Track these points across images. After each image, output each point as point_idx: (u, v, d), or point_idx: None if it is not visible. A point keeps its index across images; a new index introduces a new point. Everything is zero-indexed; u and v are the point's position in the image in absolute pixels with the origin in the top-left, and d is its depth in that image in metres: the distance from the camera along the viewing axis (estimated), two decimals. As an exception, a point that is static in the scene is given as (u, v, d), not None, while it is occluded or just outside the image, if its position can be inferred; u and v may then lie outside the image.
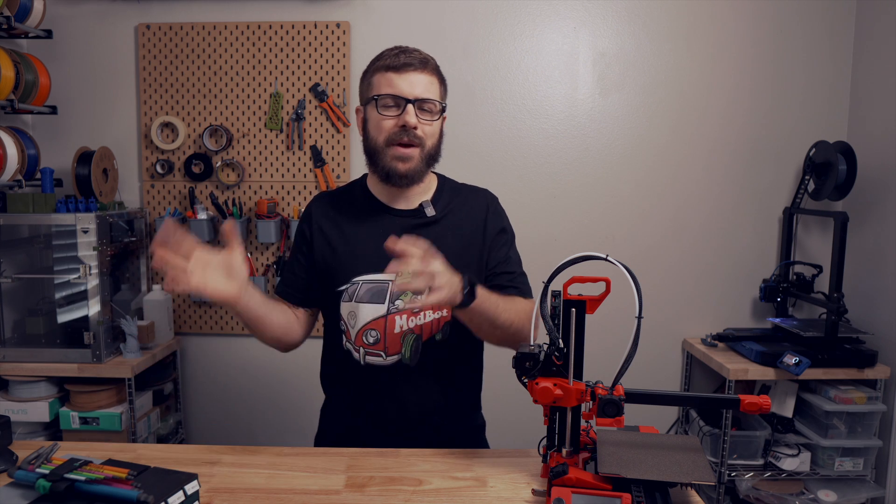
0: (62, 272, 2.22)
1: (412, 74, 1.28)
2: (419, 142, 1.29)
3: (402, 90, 1.27)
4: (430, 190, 1.41)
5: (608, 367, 1.03)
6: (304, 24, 2.48)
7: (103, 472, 0.96)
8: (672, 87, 2.50)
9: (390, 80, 1.28)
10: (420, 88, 1.28)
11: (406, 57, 1.29)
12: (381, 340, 1.32)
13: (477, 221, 1.39)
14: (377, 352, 1.33)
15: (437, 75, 1.33)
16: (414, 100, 1.27)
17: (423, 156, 1.31)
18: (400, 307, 1.32)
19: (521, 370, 1.02)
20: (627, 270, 0.99)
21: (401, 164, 1.29)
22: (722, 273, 2.57)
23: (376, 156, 1.32)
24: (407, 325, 1.33)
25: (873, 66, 2.38)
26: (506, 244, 1.41)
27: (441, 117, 1.34)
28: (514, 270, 1.40)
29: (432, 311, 1.34)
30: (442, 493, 1.07)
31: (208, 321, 2.60)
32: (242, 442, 2.02)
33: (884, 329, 2.29)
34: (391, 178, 1.31)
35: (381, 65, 1.30)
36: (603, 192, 2.55)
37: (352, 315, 1.34)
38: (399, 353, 1.32)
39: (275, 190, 2.54)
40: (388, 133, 1.28)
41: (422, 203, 1.36)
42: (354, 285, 1.33)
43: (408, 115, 1.27)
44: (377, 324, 1.32)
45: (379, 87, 1.29)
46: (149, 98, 2.52)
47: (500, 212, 1.44)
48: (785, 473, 2.27)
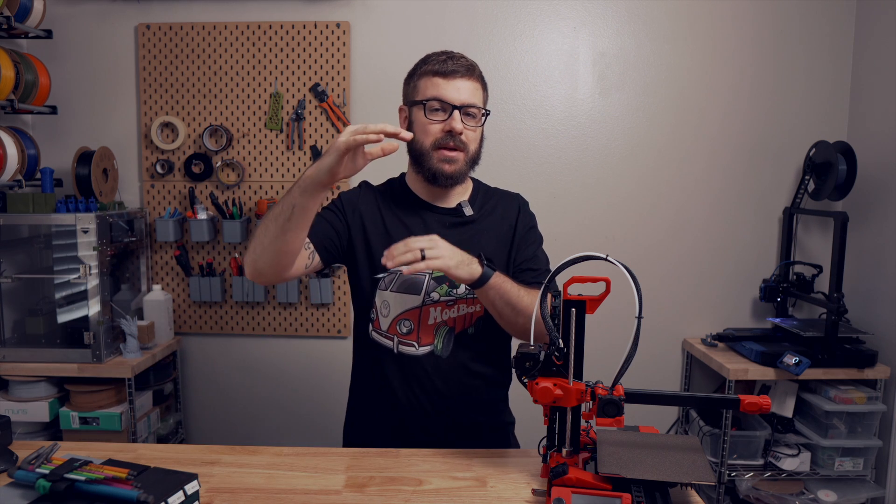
0: (62, 272, 2.22)
1: (459, 81, 1.32)
2: (464, 147, 1.34)
3: (449, 96, 1.32)
4: (467, 191, 1.47)
5: (608, 367, 1.03)
6: (304, 24, 2.48)
7: (103, 472, 0.96)
8: (672, 87, 2.50)
9: (437, 85, 1.32)
10: (466, 94, 1.33)
11: (453, 63, 1.33)
12: (414, 330, 1.36)
13: (509, 222, 1.44)
14: (410, 342, 1.37)
15: (481, 81, 1.38)
16: (461, 106, 1.32)
17: (468, 159, 1.36)
18: (435, 299, 1.36)
19: (521, 370, 1.02)
20: (627, 270, 0.99)
21: (447, 165, 1.34)
22: (722, 273, 2.58)
23: (422, 158, 1.36)
24: (441, 317, 1.37)
25: (873, 66, 2.38)
26: (534, 243, 1.47)
27: (483, 123, 1.39)
28: (539, 268, 1.45)
29: (466, 304, 1.37)
30: (442, 493, 1.07)
31: (208, 321, 2.60)
32: (242, 442, 2.02)
33: (884, 329, 2.29)
34: (437, 179, 1.35)
35: (429, 69, 1.34)
36: (603, 192, 2.55)
37: (385, 304, 1.38)
38: (432, 343, 1.36)
39: (275, 190, 2.54)
40: (435, 137, 1.33)
41: (460, 203, 1.43)
42: (392, 274, 1.37)
43: (454, 121, 1.31)
44: (412, 314, 1.36)
45: (426, 92, 1.33)
46: (149, 98, 2.52)
47: (530, 214, 1.50)
48: (785, 473, 2.27)
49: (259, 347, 2.61)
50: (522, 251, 1.43)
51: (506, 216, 1.45)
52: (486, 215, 1.44)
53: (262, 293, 2.53)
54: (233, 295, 2.55)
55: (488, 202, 1.46)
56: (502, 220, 1.44)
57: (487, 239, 1.40)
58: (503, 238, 1.43)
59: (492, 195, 1.49)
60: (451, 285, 1.37)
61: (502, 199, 1.49)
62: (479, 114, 1.36)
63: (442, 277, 1.36)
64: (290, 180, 2.53)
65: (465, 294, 1.37)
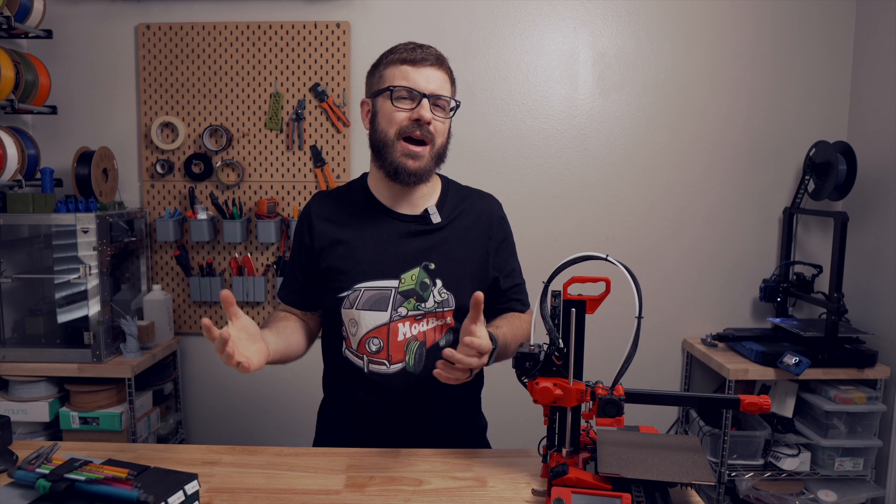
0: (62, 272, 2.22)
1: (428, 69, 1.27)
2: (431, 138, 1.27)
3: (417, 84, 1.25)
4: (434, 193, 1.38)
5: (608, 367, 1.03)
6: (304, 24, 2.48)
7: (103, 472, 0.96)
8: (672, 87, 2.50)
9: (406, 72, 1.26)
10: (435, 84, 1.27)
11: (422, 52, 1.27)
12: (384, 349, 1.30)
13: (482, 228, 1.38)
14: (381, 360, 1.31)
15: (450, 75, 1.32)
16: (430, 94, 1.26)
17: (433, 154, 1.29)
18: (403, 314, 1.30)
19: (521, 370, 1.02)
20: (627, 270, 0.99)
21: (411, 161, 1.26)
22: (722, 273, 2.58)
23: (385, 150, 1.28)
24: (410, 332, 1.31)
25: (873, 66, 2.38)
26: (511, 254, 1.43)
27: (451, 116, 1.33)
28: (518, 283, 1.43)
29: (436, 318, 1.32)
30: (442, 493, 1.07)
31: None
32: (242, 442, 2.03)
33: (884, 329, 2.29)
34: (399, 174, 1.27)
35: (396, 58, 1.28)
36: (603, 192, 2.55)
37: (353, 322, 1.31)
38: (403, 360, 1.31)
39: (275, 190, 2.54)
40: (401, 125, 1.26)
41: (427, 209, 1.34)
42: (356, 292, 1.31)
43: (423, 108, 1.24)
44: (380, 332, 1.30)
45: (393, 79, 1.26)
46: (149, 98, 2.52)
47: (504, 219, 1.44)
48: (785, 473, 2.27)
49: (259, 347, 2.60)
50: (500, 263, 1.39)
51: (478, 221, 1.38)
52: (456, 220, 1.36)
53: (262, 293, 2.53)
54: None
55: (460, 205, 1.38)
56: (474, 225, 1.37)
57: (456, 246, 1.34)
58: (474, 244, 1.36)
59: (464, 197, 1.41)
60: (418, 299, 1.30)
61: (475, 202, 1.41)
62: (448, 106, 1.30)
63: (409, 291, 1.30)
64: (289, 180, 2.53)
65: (433, 308, 1.31)
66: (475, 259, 1.36)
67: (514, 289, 1.43)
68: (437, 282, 1.31)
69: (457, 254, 1.33)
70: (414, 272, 1.30)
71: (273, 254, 2.55)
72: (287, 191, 2.54)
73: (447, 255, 1.32)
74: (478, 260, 1.36)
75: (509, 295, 1.42)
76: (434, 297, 1.31)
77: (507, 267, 1.41)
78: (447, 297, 1.32)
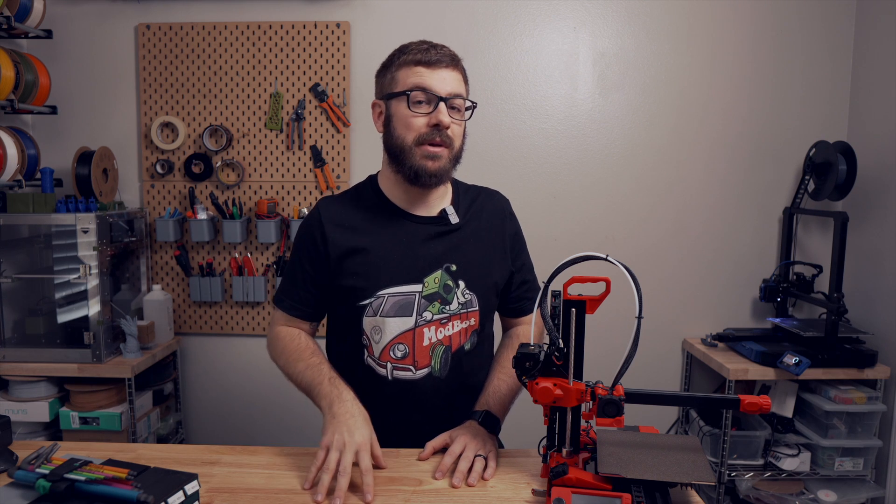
0: (62, 272, 2.22)
1: (443, 71, 1.22)
2: (449, 142, 1.24)
3: (433, 86, 1.21)
4: (447, 193, 1.37)
5: (608, 367, 1.03)
6: (304, 24, 2.48)
7: (103, 472, 0.96)
8: (672, 87, 2.50)
9: (420, 74, 1.21)
10: (451, 86, 1.23)
11: (437, 52, 1.23)
12: (409, 354, 1.28)
13: (496, 226, 1.38)
14: (406, 366, 1.29)
15: (464, 74, 1.29)
16: (446, 97, 1.22)
17: (452, 156, 1.26)
18: (428, 319, 1.28)
19: (521, 370, 1.02)
20: (627, 270, 0.99)
21: (431, 162, 1.23)
22: (722, 273, 2.58)
23: (403, 155, 1.24)
24: (436, 336, 1.29)
25: (873, 66, 2.38)
26: (523, 249, 1.43)
27: (468, 118, 1.30)
28: (530, 279, 1.43)
29: (460, 319, 1.31)
30: (442, 493, 1.07)
31: (208, 321, 2.60)
32: (242, 442, 2.02)
33: (884, 329, 2.29)
34: (420, 177, 1.24)
35: (410, 59, 1.23)
36: (603, 192, 2.55)
37: (376, 330, 1.28)
38: (429, 365, 1.29)
39: (275, 190, 2.54)
40: (420, 133, 1.22)
41: (444, 210, 1.32)
42: (379, 299, 1.27)
43: (440, 113, 1.21)
44: (405, 337, 1.28)
45: (407, 82, 1.22)
46: (149, 98, 2.52)
47: (513, 214, 1.44)
48: (785, 473, 2.27)
49: (259, 347, 2.61)
50: (514, 258, 1.39)
51: (491, 218, 1.38)
52: (472, 219, 1.35)
53: (262, 293, 2.53)
54: (233, 295, 2.54)
55: (473, 204, 1.37)
56: (488, 223, 1.37)
57: (474, 245, 1.33)
58: (491, 242, 1.36)
59: (475, 196, 1.40)
60: (442, 302, 1.28)
61: (486, 200, 1.40)
62: (465, 106, 1.26)
63: (433, 295, 1.28)
64: (289, 180, 2.53)
65: (457, 310, 1.30)
66: (494, 257, 1.36)
67: (525, 286, 1.43)
68: (460, 283, 1.30)
69: (476, 253, 1.32)
70: (436, 275, 1.29)
71: (273, 254, 2.55)
72: (287, 191, 2.54)
73: (467, 256, 1.31)
74: (497, 257, 1.36)
75: (520, 293, 1.42)
76: (458, 298, 1.30)
77: (518, 262, 1.42)
78: (470, 298, 1.31)
